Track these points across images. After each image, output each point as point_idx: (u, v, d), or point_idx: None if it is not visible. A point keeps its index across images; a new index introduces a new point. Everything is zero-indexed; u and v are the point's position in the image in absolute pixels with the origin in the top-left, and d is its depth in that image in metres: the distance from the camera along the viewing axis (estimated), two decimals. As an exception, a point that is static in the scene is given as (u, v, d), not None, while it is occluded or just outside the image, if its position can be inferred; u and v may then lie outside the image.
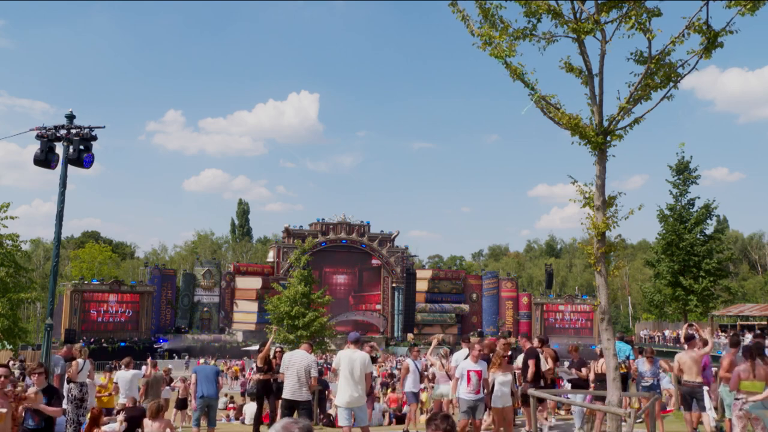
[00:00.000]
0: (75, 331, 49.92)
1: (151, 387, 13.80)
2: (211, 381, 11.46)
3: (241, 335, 57.49)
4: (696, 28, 7.87)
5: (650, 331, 51.24)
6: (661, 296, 39.80)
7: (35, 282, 41.56)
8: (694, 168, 37.62)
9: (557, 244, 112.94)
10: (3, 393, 7.00)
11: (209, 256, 77.50)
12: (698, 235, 37.69)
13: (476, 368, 9.80)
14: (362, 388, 9.47)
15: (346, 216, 64.70)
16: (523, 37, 8.41)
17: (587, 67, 8.43)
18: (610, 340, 8.26)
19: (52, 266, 12.41)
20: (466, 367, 9.87)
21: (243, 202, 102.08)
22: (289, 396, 9.68)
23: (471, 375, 9.71)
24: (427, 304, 65.15)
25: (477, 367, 9.83)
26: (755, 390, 8.67)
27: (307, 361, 9.71)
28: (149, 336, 55.69)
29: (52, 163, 12.36)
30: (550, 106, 8.43)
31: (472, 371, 9.74)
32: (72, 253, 78.97)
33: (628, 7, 7.97)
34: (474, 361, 9.91)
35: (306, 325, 38.11)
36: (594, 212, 8.32)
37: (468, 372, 9.75)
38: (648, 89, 8.23)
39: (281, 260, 61.11)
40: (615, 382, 8.07)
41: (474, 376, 9.71)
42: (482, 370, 9.85)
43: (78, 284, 55.14)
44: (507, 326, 64.34)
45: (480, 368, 9.83)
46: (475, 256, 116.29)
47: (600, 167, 8.38)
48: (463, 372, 9.82)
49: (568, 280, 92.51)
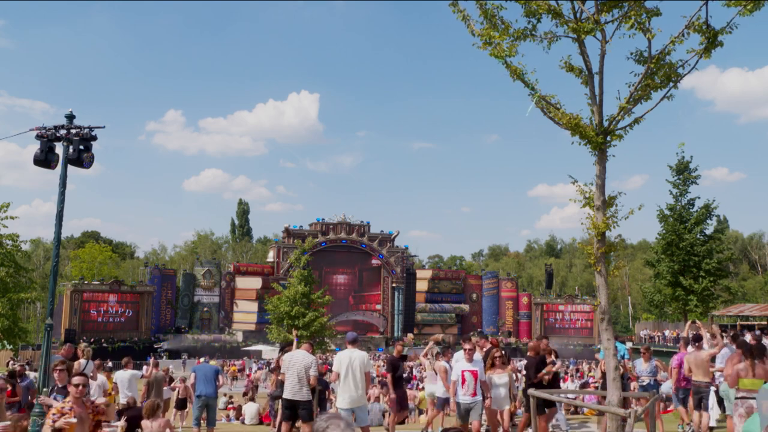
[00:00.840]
0: (75, 331, 49.97)
1: (152, 387, 13.80)
2: (210, 380, 11.39)
3: (241, 335, 57.51)
4: (696, 28, 7.87)
5: (650, 331, 51.26)
6: (661, 296, 39.83)
7: (35, 282, 41.63)
8: (694, 168, 37.66)
9: (557, 244, 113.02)
10: (81, 402, 6.31)
11: (209, 256, 77.52)
12: (698, 235, 37.72)
13: (470, 368, 9.31)
14: (362, 387, 9.48)
15: (346, 216, 64.73)
16: (523, 37, 8.40)
17: (587, 67, 8.43)
18: (610, 340, 8.26)
19: (52, 266, 12.40)
20: (460, 368, 9.42)
21: (243, 202, 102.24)
22: (289, 396, 9.69)
23: (465, 375, 9.25)
24: (427, 304, 65.16)
25: (471, 366, 9.34)
26: (755, 388, 8.69)
27: (306, 361, 9.71)
28: (149, 336, 55.69)
29: (52, 163, 12.35)
30: (550, 106, 8.43)
31: (467, 371, 9.28)
32: (72, 253, 78.99)
33: (628, 6, 7.97)
34: (468, 360, 9.43)
35: (306, 325, 38.12)
36: (594, 212, 8.32)
37: (462, 372, 9.30)
38: (648, 89, 8.23)
39: (281, 260, 61.11)
40: (615, 382, 8.07)
41: (469, 377, 9.23)
42: (478, 369, 9.36)
43: (78, 284, 55.15)
44: (507, 326, 64.39)
45: (475, 368, 9.34)
46: (475, 256, 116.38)
47: (600, 167, 8.38)
48: (458, 373, 9.37)
49: (568, 280, 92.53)
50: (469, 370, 9.27)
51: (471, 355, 9.49)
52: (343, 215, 64.69)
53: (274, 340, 40.58)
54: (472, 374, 9.24)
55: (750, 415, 8.59)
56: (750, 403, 8.68)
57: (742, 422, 8.70)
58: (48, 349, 11.93)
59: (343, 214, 64.77)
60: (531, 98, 8.43)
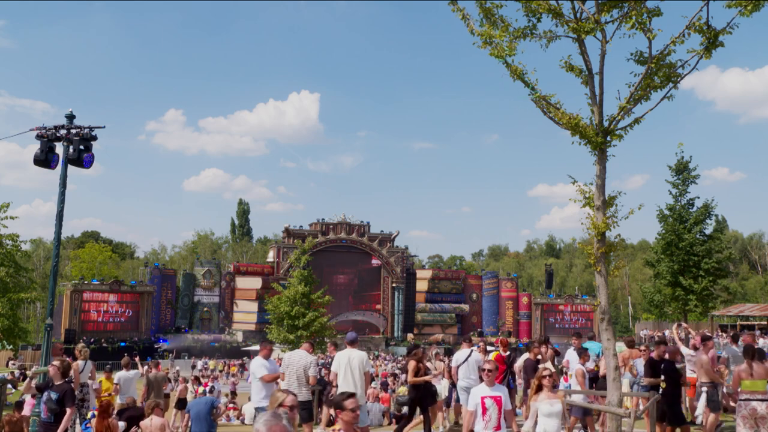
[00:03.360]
0: (75, 331, 50.04)
1: (152, 387, 13.80)
2: (204, 418, 10.61)
3: (241, 335, 57.50)
4: (696, 28, 7.87)
5: (650, 331, 51.30)
6: (661, 296, 39.81)
7: (35, 282, 41.63)
8: (694, 168, 37.63)
9: (557, 244, 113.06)
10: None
11: (209, 256, 77.50)
12: (697, 235, 37.71)
13: (492, 394, 7.08)
14: (362, 387, 9.48)
15: (346, 216, 64.72)
16: (523, 36, 8.41)
17: (587, 67, 8.43)
18: (610, 340, 8.27)
19: (52, 266, 12.40)
20: (479, 394, 7.11)
21: (243, 202, 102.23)
22: (288, 396, 9.67)
23: (486, 403, 7.00)
24: (427, 304, 65.16)
25: (493, 392, 7.11)
26: (756, 389, 8.72)
27: (305, 361, 9.70)
28: (149, 336, 55.68)
29: (52, 163, 12.36)
30: (550, 106, 8.43)
31: (488, 398, 7.04)
32: (72, 253, 79.01)
33: (629, 6, 7.96)
34: (489, 384, 7.15)
35: (306, 325, 38.13)
36: (594, 212, 8.32)
37: (482, 400, 7.02)
38: (648, 89, 8.24)
39: (281, 260, 61.11)
40: (615, 382, 8.07)
41: (491, 405, 6.98)
42: (502, 396, 7.10)
43: (78, 284, 55.13)
44: (507, 326, 64.39)
45: (498, 393, 7.11)
46: (475, 256, 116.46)
47: (600, 167, 8.39)
48: (477, 401, 7.07)
49: (568, 280, 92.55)
50: (491, 396, 7.08)
51: (492, 377, 7.22)
52: (343, 215, 64.71)
53: (274, 340, 40.56)
54: (495, 401, 7.05)
55: (755, 418, 8.61)
56: (753, 405, 8.69)
57: (745, 423, 8.71)
58: (48, 349, 11.94)
59: (343, 214, 64.81)
60: (531, 98, 8.44)
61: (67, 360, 8.88)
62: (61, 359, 8.61)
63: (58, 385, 8.03)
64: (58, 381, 8.02)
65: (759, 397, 8.65)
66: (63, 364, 8.21)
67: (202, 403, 10.84)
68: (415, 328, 64.16)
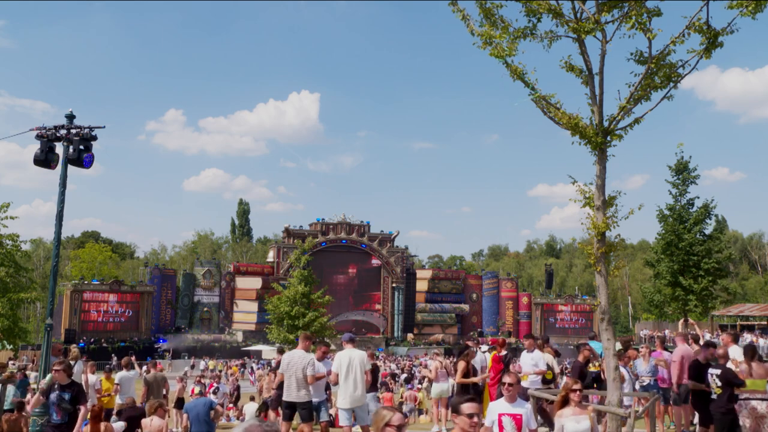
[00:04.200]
0: (75, 331, 49.92)
1: (152, 387, 13.80)
2: (203, 420, 10.58)
3: (241, 335, 57.50)
4: (696, 28, 7.87)
5: (650, 331, 51.31)
6: (660, 296, 39.84)
7: (35, 282, 41.68)
8: (694, 168, 37.65)
9: (557, 244, 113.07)
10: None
11: (209, 256, 77.51)
12: (697, 235, 37.73)
13: (512, 411, 6.40)
14: (362, 386, 9.48)
15: (346, 216, 64.70)
16: (523, 36, 8.40)
17: (587, 67, 8.43)
18: (610, 340, 8.27)
19: (52, 266, 12.40)
20: (496, 410, 6.48)
21: (243, 202, 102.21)
22: (288, 398, 9.67)
23: (504, 422, 6.34)
24: (427, 304, 65.15)
25: (513, 409, 6.42)
26: (756, 388, 8.74)
27: (304, 361, 9.69)
28: (149, 336, 55.68)
29: (52, 163, 12.36)
30: (550, 106, 8.43)
31: (506, 415, 6.36)
32: (72, 253, 79.00)
33: (629, 6, 7.96)
34: (509, 400, 6.47)
35: (306, 325, 38.13)
36: (594, 212, 8.32)
37: (500, 418, 6.37)
38: (648, 89, 8.24)
39: (281, 260, 61.09)
40: (615, 382, 8.07)
41: (508, 424, 6.32)
42: (523, 414, 6.39)
43: (78, 284, 55.12)
44: (507, 326, 64.41)
45: (519, 411, 6.40)
46: (475, 256, 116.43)
47: (600, 167, 8.39)
48: (494, 418, 6.42)
49: (568, 280, 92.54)
50: (510, 414, 6.38)
51: (514, 393, 6.51)
52: (343, 215, 64.70)
53: (274, 340, 40.57)
54: (514, 420, 6.35)
55: (755, 417, 8.61)
56: (752, 404, 8.70)
57: (746, 422, 8.72)
58: (48, 349, 11.94)
59: (343, 214, 64.80)
60: (531, 98, 8.43)
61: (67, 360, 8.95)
62: (61, 361, 8.67)
63: (68, 384, 8.15)
64: (65, 381, 8.14)
65: (759, 397, 8.66)
66: (65, 365, 8.29)
67: (201, 405, 10.82)
68: (415, 328, 64.16)
